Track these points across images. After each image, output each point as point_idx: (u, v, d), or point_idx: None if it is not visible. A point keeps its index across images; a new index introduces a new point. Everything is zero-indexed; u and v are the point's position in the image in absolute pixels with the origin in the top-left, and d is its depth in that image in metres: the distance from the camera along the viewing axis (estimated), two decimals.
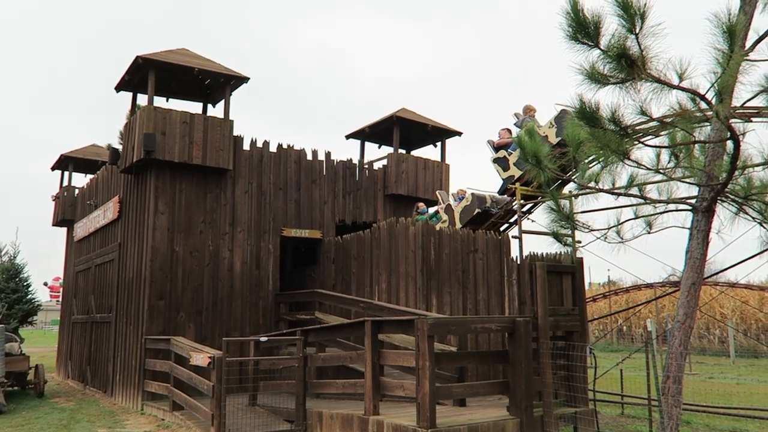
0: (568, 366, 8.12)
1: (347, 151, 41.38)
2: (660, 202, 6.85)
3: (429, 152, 16.82)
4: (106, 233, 15.54)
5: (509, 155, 11.97)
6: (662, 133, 7.35)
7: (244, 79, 13.26)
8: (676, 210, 6.90)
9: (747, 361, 25.53)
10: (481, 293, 10.23)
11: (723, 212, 6.78)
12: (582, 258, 8.80)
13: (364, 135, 16.46)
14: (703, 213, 6.57)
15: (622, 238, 7.34)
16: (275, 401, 9.71)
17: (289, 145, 14.36)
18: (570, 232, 8.88)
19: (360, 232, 12.52)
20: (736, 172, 6.11)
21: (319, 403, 9.36)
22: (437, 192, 14.63)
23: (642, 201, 6.94)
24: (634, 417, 11.29)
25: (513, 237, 10.61)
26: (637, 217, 7.20)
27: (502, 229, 12.76)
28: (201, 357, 9.09)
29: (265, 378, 10.21)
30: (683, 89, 5.24)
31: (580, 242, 10.22)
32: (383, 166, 15.72)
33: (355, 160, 15.43)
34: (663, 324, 24.16)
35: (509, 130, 12.35)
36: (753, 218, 6.74)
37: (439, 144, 16.76)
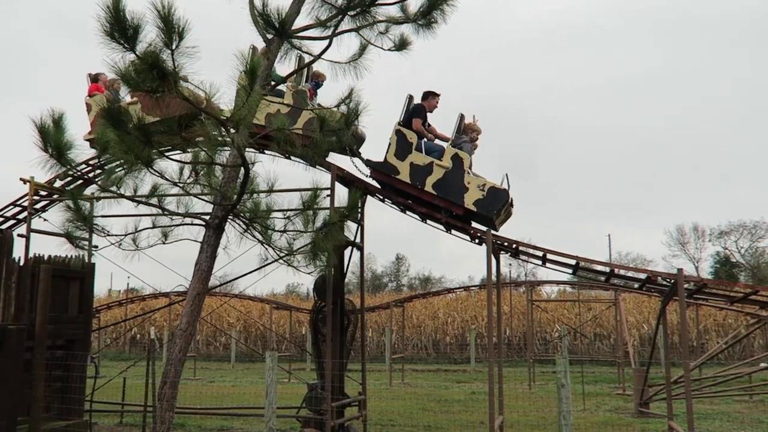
0: (66, 377, 7.66)
1: None
2: (177, 214, 7.16)
3: None
4: None
5: None
6: (188, 149, 7.75)
7: None
8: (192, 224, 7.32)
9: (245, 366, 28.47)
10: None
11: (232, 230, 7.50)
12: (94, 263, 8.48)
13: None
14: (215, 229, 7.12)
15: (137, 246, 7.38)
16: None
17: None
18: (87, 236, 8.48)
19: None
20: (245, 196, 6.85)
21: None
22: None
23: (161, 212, 7.13)
24: (133, 425, 11.34)
25: (19, 236, 9.54)
26: (154, 227, 7.37)
27: (5, 225, 11.32)
28: None
29: None
30: (208, 113, 5.64)
31: (97, 247, 9.86)
32: None
33: None
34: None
35: None
36: (256, 238, 7.65)
37: None
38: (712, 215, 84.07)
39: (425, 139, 9.31)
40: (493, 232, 8.92)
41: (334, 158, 9.52)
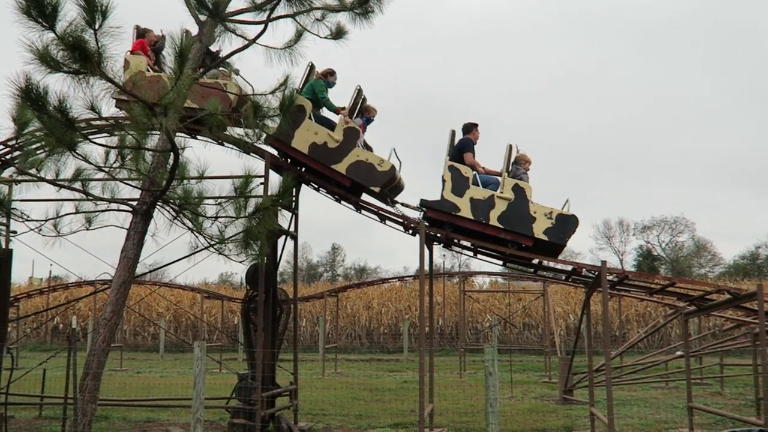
0: None
1: None
2: (103, 200, 6.90)
3: None
4: None
5: None
6: (116, 133, 7.47)
7: None
8: (118, 210, 7.06)
9: (175, 356, 27.83)
10: None
11: (161, 217, 7.28)
12: (12, 249, 8.09)
13: None
14: (142, 216, 6.90)
15: (59, 232, 7.08)
16: None
17: None
18: (4, 220, 8.07)
19: None
20: (175, 182, 6.66)
21: None
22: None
23: (84, 197, 6.85)
24: (53, 418, 10.90)
25: None
26: (77, 212, 7.08)
27: None
28: None
29: None
30: (134, 96, 5.44)
31: (15, 232, 9.39)
32: None
33: None
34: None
35: None
36: (186, 225, 7.46)
37: None
38: (637, 211, 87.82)
39: (476, 173, 9.05)
40: (425, 223, 9.01)
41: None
